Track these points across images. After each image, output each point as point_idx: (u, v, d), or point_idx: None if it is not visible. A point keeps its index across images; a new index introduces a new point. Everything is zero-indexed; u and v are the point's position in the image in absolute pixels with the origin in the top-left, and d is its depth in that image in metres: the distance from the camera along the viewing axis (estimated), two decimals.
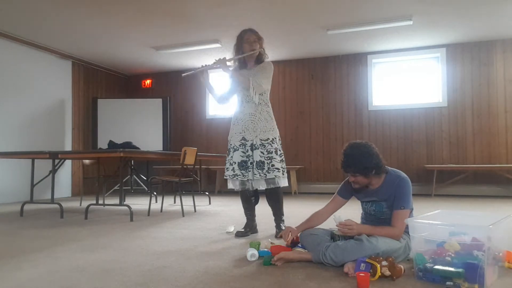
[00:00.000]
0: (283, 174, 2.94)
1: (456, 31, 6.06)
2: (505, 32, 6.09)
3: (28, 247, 2.64)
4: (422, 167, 6.56)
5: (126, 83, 8.60)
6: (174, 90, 8.24)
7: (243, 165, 2.92)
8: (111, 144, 5.05)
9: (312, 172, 7.18)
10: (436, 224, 1.93)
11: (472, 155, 6.48)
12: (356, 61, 7.14)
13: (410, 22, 5.56)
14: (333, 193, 2.46)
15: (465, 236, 1.80)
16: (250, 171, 2.91)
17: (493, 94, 6.43)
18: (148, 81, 8.49)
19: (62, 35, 6.09)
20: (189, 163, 4.37)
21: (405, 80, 6.98)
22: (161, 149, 7.54)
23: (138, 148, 4.83)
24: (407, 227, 1.89)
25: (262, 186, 2.93)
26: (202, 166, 6.40)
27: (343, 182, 2.42)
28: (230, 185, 3.02)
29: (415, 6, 5.12)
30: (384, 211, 2.21)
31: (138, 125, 7.52)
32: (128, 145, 4.74)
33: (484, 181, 6.40)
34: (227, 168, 2.99)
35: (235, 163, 2.94)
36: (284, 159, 3.04)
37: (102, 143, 7.17)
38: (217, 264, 2.13)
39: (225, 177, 3.02)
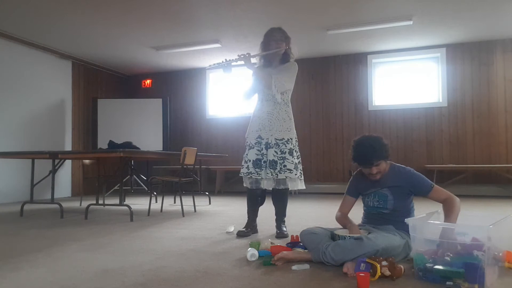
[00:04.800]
0: (300, 177, 2.90)
1: (456, 31, 6.06)
2: (505, 32, 6.09)
3: (28, 247, 2.64)
4: (422, 167, 6.55)
5: (126, 83, 8.60)
6: (174, 90, 8.24)
7: (257, 164, 2.89)
8: (111, 144, 5.04)
9: (312, 172, 7.18)
10: (436, 224, 1.93)
11: (472, 155, 6.48)
12: (356, 61, 7.14)
13: (410, 22, 5.56)
14: (333, 193, 2.49)
15: (465, 236, 1.80)
16: (263, 169, 2.88)
17: (493, 94, 6.43)
18: (148, 81, 8.48)
19: (62, 35, 6.09)
20: (189, 163, 4.37)
21: (405, 80, 6.98)
22: (161, 149, 7.54)
23: (138, 148, 4.83)
24: (407, 226, 1.89)
25: (272, 186, 2.91)
26: (202, 166, 6.39)
27: (349, 182, 2.48)
28: (246, 183, 2.98)
29: (415, 6, 5.12)
30: (388, 200, 2.23)
31: (138, 125, 7.52)
32: (128, 145, 4.74)
33: (484, 181, 6.40)
34: (243, 165, 2.97)
35: (250, 161, 2.92)
36: (300, 161, 2.99)
37: (102, 143, 7.17)
38: (217, 264, 2.12)
39: (240, 175, 2.99)
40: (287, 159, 2.86)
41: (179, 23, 5.67)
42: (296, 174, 2.88)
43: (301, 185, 2.96)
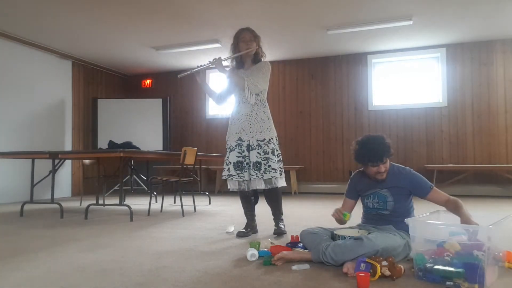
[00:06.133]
0: (280, 175, 2.93)
1: (456, 31, 6.06)
2: (505, 32, 6.08)
3: (28, 247, 2.64)
4: (422, 167, 6.56)
5: (126, 83, 8.60)
6: (174, 90, 8.24)
7: (238, 166, 2.90)
8: (111, 144, 5.06)
9: (312, 172, 7.17)
10: (436, 224, 1.93)
11: (472, 155, 6.47)
12: (356, 61, 7.14)
13: (410, 22, 5.56)
14: (333, 193, 2.49)
15: (465, 236, 1.80)
16: (246, 171, 2.89)
17: (493, 94, 6.43)
18: (148, 81, 8.49)
19: (62, 35, 6.09)
20: (189, 163, 4.37)
21: (405, 80, 6.98)
22: (161, 149, 7.54)
23: (138, 148, 4.84)
24: (407, 226, 1.89)
25: (260, 186, 2.92)
26: (202, 166, 6.39)
27: (348, 184, 2.48)
28: (229, 185, 3.02)
29: (415, 6, 5.12)
30: (388, 202, 2.22)
31: (138, 125, 7.51)
32: (128, 145, 4.75)
33: (484, 181, 6.40)
34: (224, 168, 3.00)
35: (230, 163, 2.93)
36: (281, 159, 3.03)
37: (102, 143, 7.17)
38: (217, 264, 2.12)
39: (222, 177, 3.02)
40: (271, 159, 2.87)
41: (178, 23, 5.68)
42: (279, 173, 2.91)
43: (283, 183, 2.98)
